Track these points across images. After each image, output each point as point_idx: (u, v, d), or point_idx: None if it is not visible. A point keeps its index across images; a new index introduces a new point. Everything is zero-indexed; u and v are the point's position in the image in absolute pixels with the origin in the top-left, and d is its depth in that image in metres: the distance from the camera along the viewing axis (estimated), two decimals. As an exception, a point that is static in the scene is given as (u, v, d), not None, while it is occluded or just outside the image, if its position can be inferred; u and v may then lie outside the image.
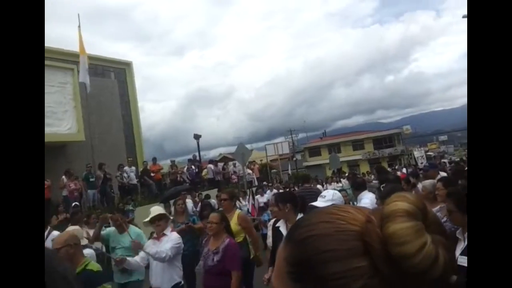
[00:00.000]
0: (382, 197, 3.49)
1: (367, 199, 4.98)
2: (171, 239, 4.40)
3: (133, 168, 15.66)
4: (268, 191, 14.83)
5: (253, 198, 12.22)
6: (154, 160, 17.07)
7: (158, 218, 4.48)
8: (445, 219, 3.59)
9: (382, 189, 3.93)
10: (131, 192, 14.18)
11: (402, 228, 0.51)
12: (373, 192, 5.52)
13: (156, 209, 4.64)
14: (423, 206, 0.55)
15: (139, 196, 14.82)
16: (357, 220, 0.56)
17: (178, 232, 4.89)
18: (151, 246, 4.39)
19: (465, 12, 20.16)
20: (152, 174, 15.63)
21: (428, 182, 5.01)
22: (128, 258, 4.32)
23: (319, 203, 3.77)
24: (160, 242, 4.39)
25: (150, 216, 4.51)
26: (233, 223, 4.74)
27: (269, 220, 10.13)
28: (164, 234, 4.45)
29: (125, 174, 14.46)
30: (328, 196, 3.86)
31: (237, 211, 5.29)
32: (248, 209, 11.78)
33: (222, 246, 3.88)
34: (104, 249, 5.43)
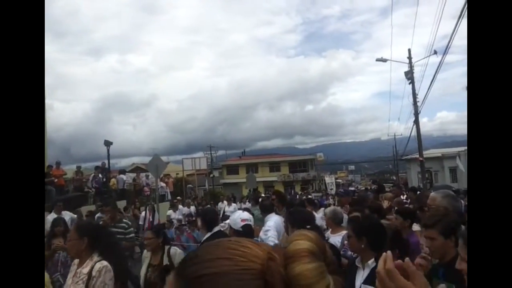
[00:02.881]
0: (292, 223, 3.57)
1: (271, 221, 5.03)
2: None
3: (32, 171, 14.19)
4: (180, 207, 14.34)
5: (152, 214, 11.50)
6: (58, 164, 15.64)
7: None
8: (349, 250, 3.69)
9: (290, 213, 3.97)
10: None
11: (308, 269, 0.50)
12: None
13: None
14: (323, 246, 0.55)
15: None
16: (258, 257, 0.52)
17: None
18: None
19: (379, 56, 22.10)
20: (54, 179, 14.28)
21: (328, 209, 5.31)
22: None
23: (233, 223, 3.76)
24: None
25: None
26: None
27: (177, 236, 9.76)
28: None
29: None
30: (241, 218, 3.82)
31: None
32: (144, 226, 11.15)
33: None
34: None
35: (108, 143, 18.05)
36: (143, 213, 12.00)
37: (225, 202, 15.73)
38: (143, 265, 4.11)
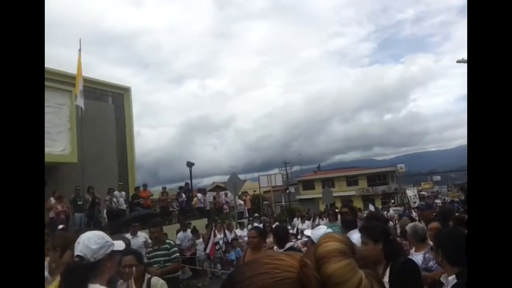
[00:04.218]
0: (369, 238, 3.45)
1: (354, 239, 4.91)
2: None
3: (123, 193, 15.48)
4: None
5: (214, 235, 11.33)
6: (145, 186, 16.92)
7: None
8: (432, 261, 3.55)
9: (363, 227, 3.91)
10: (118, 217, 13.98)
11: (340, 267, 0.53)
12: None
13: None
14: (351, 243, 0.58)
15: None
16: (292, 267, 0.57)
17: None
18: None
19: (461, 57, 20.67)
20: (141, 201, 15.46)
21: (409, 225, 5.01)
22: None
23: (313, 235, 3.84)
24: None
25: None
26: None
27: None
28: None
29: (114, 199, 14.30)
30: (320, 231, 3.88)
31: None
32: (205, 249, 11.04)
33: None
34: None
35: (190, 164, 19.17)
36: (182, 233, 11.65)
37: (299, 219, 15.66)
38: None
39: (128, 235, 8.49)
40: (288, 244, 4.10)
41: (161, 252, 5.32)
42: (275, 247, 9.23)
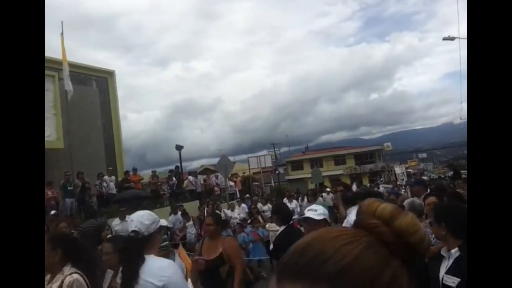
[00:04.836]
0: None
1: (353, 215, 4.94)
2: None
3: (113, 177, 15.37)
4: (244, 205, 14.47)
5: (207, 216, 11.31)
6: (135, 170, 16.81)
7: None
8: (431, 235, 3.60)
9: (361, 205, 3.93)
10: (109, 202, 13.89)
11: (411, 220, 0.60)
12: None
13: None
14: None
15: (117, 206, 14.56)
16: (359, 232, 0.59)
17: None
18: None
19: (446, 35, 20.70)
20: (131, 185, 15.38)
21: (406, 201, 5.09)
22: None
23: (313, 215, 3.73)
24: None
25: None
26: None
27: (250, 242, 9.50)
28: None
29: (104, 184, 14.18)
30: (320, 210, 3.83)
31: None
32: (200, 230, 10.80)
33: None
34: None
35: (179, 147, 19.04)
36: (173, 216, 11.52)
37: (285, 198, 15.66)
38: None
39: (117, 220, 8.29)
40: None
41: None
42: (269, 225, 9.29)
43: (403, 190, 17.26)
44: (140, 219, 2.46)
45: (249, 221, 11.02)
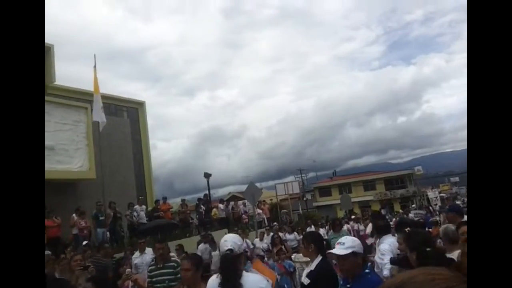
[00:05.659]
0: (411, 245, 3.29)
1: (386, 244, 4.75)
2: None
3: (144, 206, 15.52)
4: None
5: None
6: (164, 199, 16.96)
7: None
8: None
9: (408, 235, 3.71)
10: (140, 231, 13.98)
11: None
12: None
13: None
14: None
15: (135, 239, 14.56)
16: (462, 275, 0.58)
17: None
18: None
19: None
20: (161, 213, 15.47)
21: (441, 228, 4.87)
22: None
23: (339, 250, 3.52)
24: None
25: None
26: None
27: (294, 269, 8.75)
28: None
29: (135, 213, 14.33)
30: (348, 243, 3.60)
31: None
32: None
33: None
34: None
35: (207, 175, 19.14)
36: (203, 245, 11.09)
37: (311, 227, 14.99)
38: None
39: (136, 253, 7.97)
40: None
41: (167, 271, 4.95)
42: (295, 255, 8.83)
43: (436, 217, 16.57)
44: (234, 240, 2.87)
45: (275, 252, 10.08)
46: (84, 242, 9.77)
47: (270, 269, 4.23)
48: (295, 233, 13.61)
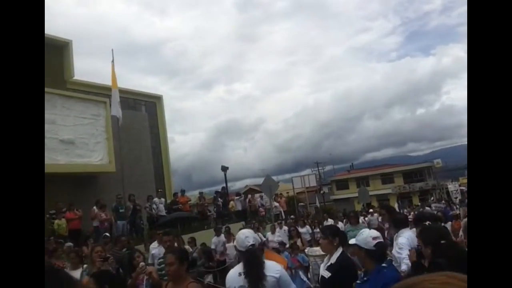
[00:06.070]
0: (425, 240, 3.24)
1: (404, 238, 4.71)
2: None
3: (163, 199, 15.74)
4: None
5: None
6: (183, 191, 17.16)
7: None
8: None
9: (423, 230, 3.67)
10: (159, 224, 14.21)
11: None
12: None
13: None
14: None
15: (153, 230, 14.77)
16: None
17: None
18: None
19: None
20: (180, 206, 15.67)
21: (464, 221, 4.81)
22: None
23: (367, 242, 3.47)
24: None
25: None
26: None
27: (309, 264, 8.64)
28: None
29: (154, 206, 14.56)
30: (373, 235, 3.57)
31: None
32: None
33: None
34: None
35: (224, 168, 19.28)
36: (216, 238, 11.24)
37: (329, 220, 14.82)
38: None
39: (154, 244, 8.03)
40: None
41: None
42: (309, 249, 8.76)
43: (456, 210, 16.29)
44: (253, 235, 3.23)
45: (287, 246, 9.92)
46: (104, 234, 9.99)
47: (280, 256, 4.66)
48: (307, 226, 13.64)
